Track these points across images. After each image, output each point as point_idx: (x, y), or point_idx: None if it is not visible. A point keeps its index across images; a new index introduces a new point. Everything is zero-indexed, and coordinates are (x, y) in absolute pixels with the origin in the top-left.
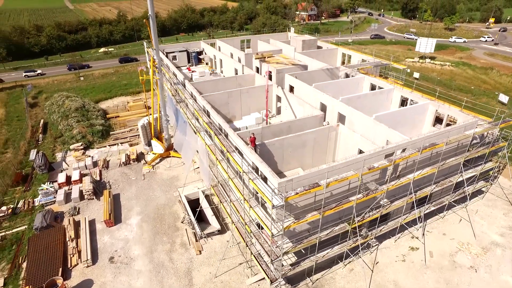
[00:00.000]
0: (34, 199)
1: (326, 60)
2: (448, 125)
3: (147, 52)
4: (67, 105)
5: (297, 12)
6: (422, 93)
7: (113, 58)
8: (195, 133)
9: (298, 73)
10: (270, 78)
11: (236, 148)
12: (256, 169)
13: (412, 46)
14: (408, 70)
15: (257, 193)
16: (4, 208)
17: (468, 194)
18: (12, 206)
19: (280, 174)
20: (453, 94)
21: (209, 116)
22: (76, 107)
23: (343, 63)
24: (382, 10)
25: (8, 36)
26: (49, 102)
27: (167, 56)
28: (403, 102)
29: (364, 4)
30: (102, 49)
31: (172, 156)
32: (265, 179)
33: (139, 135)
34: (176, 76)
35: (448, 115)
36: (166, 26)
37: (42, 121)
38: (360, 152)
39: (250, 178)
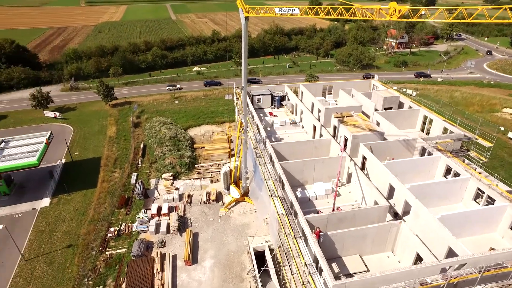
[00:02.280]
0: (133, 224)
1: (405, 120)
2: None
3: (236, 93)
4: (163, 133)
5: (386, 39)
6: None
7: (205, 80)
8: (269, 197)
9: (373, 143)
10: (345, 147)
11: (303, 233)
12: (316, 259)
13: None
14: (502, 129)
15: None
16: (112, 229)
17: None
18: (117, 228)
19: (338, 259)
20: None
21: (283, 187)
22: (170, 136)
23: (423, 124)
24: (486, 38)
25: (123, 52)
26: (149, 125)
27: (252, 100)
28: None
29: (465, 27)
30: (195, 68)
31: (247, 202)
32: (321, 270)
33: (219, 172)
34: (259, 131)
35: None
36: (255, 48)
37: (142, 144)
38: (418, 257)
39: (309, 272)
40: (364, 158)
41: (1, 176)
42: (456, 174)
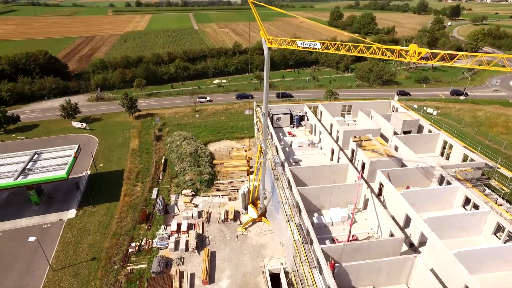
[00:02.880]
0: (153, 240)
1: (425, 145)
2: None
3: (256, 110)
4: (184, 148)
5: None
6: None
7: (226, 93)
8: (286, 221)
9: (391, 170)
10: (362, 171)
11: (318, 263)
12: None
13: None
14: None
15: None
16: (133, 244)
17: None
18: (138, 243)
19: None
20: None
21: (300, 213)
22: (191, 152)
23: (443, 148)
24: None
25: (147, 63)
26: (170, 139)
27: (272, 119)
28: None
29: (492, 41)
30: (216, 80)
31: (264, 222)
32: None
33: (238, 190)
34: (277, 153)
35: None
36: (275, 61)
37: (163, 158)
38: None
39: None
40: (381, 184)
41: (33, 187)
42: (476, 206)
